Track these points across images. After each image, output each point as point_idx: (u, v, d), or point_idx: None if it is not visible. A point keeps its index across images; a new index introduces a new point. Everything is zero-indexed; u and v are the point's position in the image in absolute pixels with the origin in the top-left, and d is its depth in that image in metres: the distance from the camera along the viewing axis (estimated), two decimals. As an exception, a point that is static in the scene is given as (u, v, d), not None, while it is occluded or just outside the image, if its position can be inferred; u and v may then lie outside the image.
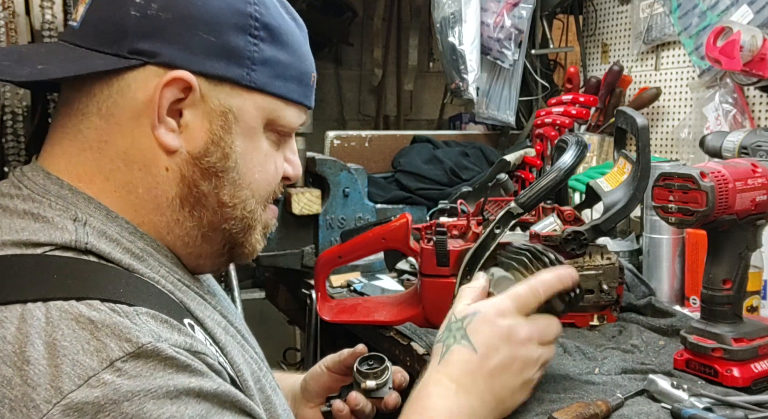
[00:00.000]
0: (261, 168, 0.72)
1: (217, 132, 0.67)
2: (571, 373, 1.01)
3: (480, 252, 1.19)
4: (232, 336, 0.70)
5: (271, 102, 0.70)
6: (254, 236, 0.75)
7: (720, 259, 0.97)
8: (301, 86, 0.73)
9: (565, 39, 2.22)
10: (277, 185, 0.76)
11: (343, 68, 3.41)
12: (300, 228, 1.62)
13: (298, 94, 0.73)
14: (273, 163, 0.74)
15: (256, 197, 0.73)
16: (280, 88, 0.70)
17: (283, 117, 0.72)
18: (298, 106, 0.73)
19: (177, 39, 0.65)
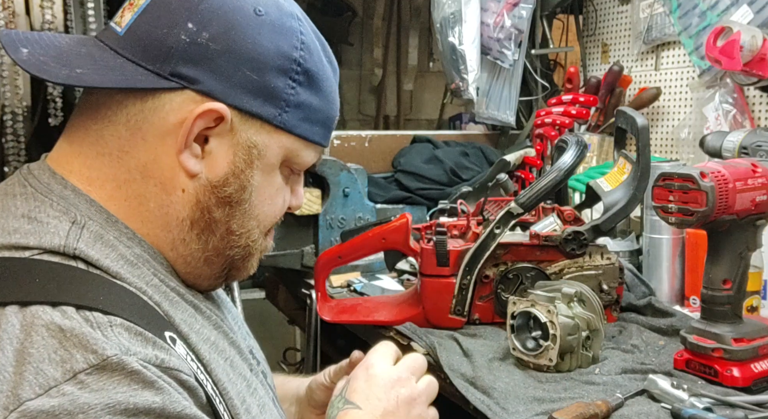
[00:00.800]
0: (271, 201, 0.74)
1: (239, 164, 0.69)
2: (571, 373, 1.01)
3: (480, 252, 1.19)
4: (221, 351, 0.69)
5: (294, 142, 0.72)
6: (252, 262, 0.76)
7: (720, 259, 0.97)
8: (324, 129, 0.75)
9: (565, 39, 2.22)
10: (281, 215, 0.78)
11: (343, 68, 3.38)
12: (300, 228, 1.62)
13: (320, 137, 0.74)
14: (282, 197, 0.75)
15: (261, 227, 0.74)
16: (306, 130, 0.72)
17: (301, 156, 0.74)
18: (317, 146, 0.75)
19: (220, 71, 0.66)
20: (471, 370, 1.02)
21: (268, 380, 0.82)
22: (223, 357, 0.68)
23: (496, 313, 1.22)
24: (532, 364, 1.03)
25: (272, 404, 0.76)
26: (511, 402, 0.92)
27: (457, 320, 1.20)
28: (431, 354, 1.10)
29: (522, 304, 1.04)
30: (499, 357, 1.07)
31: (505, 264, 1.21)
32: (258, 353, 0.84)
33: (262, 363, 0.85)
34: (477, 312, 1.22)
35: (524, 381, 0.99)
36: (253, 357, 0.78)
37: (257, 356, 0.82)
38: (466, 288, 1.20)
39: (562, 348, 1.00)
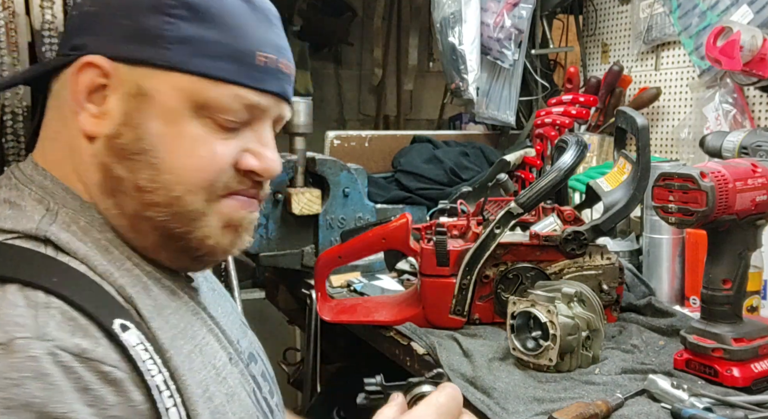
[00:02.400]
0: (189, 153, 0.67)
1: (130, 113, 0.66)
2: (571, 373, 1.01)
3: (480, 252, 1.19)
4: (191, 337, 0.67)
5: (193, 82, 0.67)
6: (202, 230, 0.70)
7: (720, 259, 0.97)
8: (235, 64, 0.68)
9: (565, 39, 2.22)
10: (228, 175, 0.70)
11: (343, 68, 3.41)
12: (300, 228, 1.62)
13: (231, 73, 0.68)
14: (209, 150, 0.68)
15: (186, 184, 0.67)
16: (202, 66, 0.67)
17: (212, 98, 0.67)
18: (235, 86, 0.68)
19: (100, 29, 0.67)
20: (471, 370, 1.02)
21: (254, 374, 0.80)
22: (192, 343, 0.67)
23: (496, 313, 1.22)
24: (532, 364, 1.03)
25: (248, 395, 0.73)
26: (511, 402, 0.92)
27: (457, 320, 1.20)
28: (431, 354, 1.10)
29: (522, 304, 1.04)
30: (499, 357, 1.07)
31: (505, 264, 1.21)
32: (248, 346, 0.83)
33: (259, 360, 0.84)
34: (477, 312, 1.22)
35: (524, 381, 0.99)
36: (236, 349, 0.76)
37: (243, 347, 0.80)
38: (466, 288, 1.20)
39: (562, 348, 1.00)
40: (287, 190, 1.58)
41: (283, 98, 0.73)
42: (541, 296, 1.04)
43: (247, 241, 0.75)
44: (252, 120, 0.71)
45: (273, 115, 0.73)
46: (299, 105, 1.60)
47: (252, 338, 0.87)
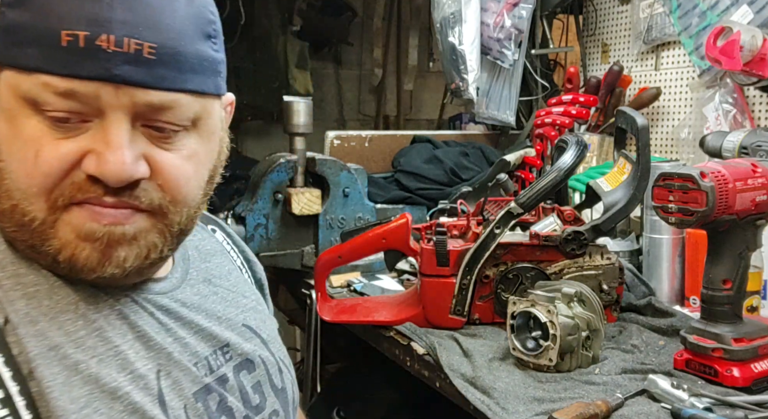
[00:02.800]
0: (19, 155, 0.60)
1: None
2: (571, 373, 1.01)
3: (480, 252, 1.19)
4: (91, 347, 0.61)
5: (16, 76, 0.59)
6: (52, 241, 0.61)
7: (720, 259, 0.97)
8: (38, 48, 0.58)
9: (565, 39, 2.22)
10: (67, 181, 0.60)
11: (343, 68, 3.41)
12: (300, 228, 1.62)
13: (33, 59, 0.58)
14: (34, 152, 0.59)
15: (20, 191, 0.60)
16: (15, 57, 0.59)
17: (27, 90, 0.58)
18: (41, 74, 0.58)
19: None
20: (471, 370, 1.02)
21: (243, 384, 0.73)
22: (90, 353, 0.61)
23: (496, 313, 1.22)
24: (532, 364, 1.03)
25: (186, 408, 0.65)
26: (511, 402, 0.92)
27: (457, 320, 1.20)
28: (431, 354, 1.10)
29: (522, 304, 1.04)
30: (499, 357, 1.07)
31: (505, 264, 1.21)
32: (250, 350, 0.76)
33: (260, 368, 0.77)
34: (477, 312, 1.22)
35: (524, 381, 0.99)
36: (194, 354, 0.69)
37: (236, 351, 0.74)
38: (466, 288, 1.20)
39: (562, 348, 1.00)
40: (287, 190, 1.58)
41: (127, 83, 0.59)
42: (541, 296, 1.04)
43: (128, 259, 0.64)
44: (97, 114, 0.60)
45: (119, 106, 0.59)
46: (299, 105, 1.61)
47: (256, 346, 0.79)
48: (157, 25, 0.60)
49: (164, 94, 0.61)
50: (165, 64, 0.60)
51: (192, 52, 0.63)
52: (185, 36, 0.62)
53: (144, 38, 0.59)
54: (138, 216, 0.64)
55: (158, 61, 0.60)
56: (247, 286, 0.88)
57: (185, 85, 0.63)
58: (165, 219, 0.66)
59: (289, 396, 0.81)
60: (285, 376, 0.81)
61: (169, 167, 0.64)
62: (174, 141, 0.64)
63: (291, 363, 0.85)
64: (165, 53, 0.60)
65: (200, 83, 0.64)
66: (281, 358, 0.82)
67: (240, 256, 0.93)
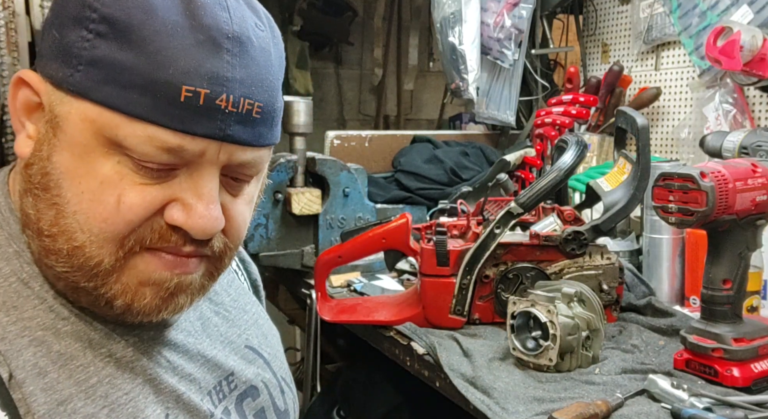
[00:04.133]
0: (93, 196, 0.56)
1: (42, 140, 0.57)
2: (571, 373, 1.01)
3: (480, 252, 1.19)
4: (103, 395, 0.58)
5: (102, 113, 0.55)
6: (112, 287, 0.58)
7: (720, 259, 0.97)
8: (151, 98, 0.54)
9: (565, 39, 2.22)
10: (146, 229, 0.58)
11: (343, 68, 3.41)
12: (300, 228, 1.62)
13: (144, 109, 0.54)
14: (115, 195, 0.56)
15: (89, 233, 0.56)
16: (110, 96, 0.54)
17: (123, 137, 0.55)
18: (150, 125, 0.55)
19: (45, 43, 0.59)
20: (471, 370, 1.02)
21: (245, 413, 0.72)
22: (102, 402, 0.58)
23: (496, 313, 1.22)
24: (532, 364, 1.03)
25: None
26: (511, 402, 0.92)
27: (457, 320, 1.20)
28: (431, 354, 1.10)
29: (522, 304, 1.04)
30: (499, 357, 1.07)
31: (505, 264, 1.21)
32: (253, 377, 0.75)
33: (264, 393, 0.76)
34: (477, 312, 1.22)
35: (524, 381, 0.99)
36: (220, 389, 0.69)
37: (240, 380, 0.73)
38: (466, 288, 1.20)
39: (562, 348, 1.00)
40: (287, 190, 1.58)
41: (228, 141, 0.58)
42: (541, 296, 1.04)
43: (184, 305, 0.63)
44: (187, 164, 0.58)
45: (216, 161, 0.58)
46: (299, 105, 1.61)
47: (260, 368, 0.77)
48: (264, 84, 0.59)
49: (256, 151, 0.61)
50: (265, 123, 0.60)
51: (279, 106, 0.62)
52: (277, 91, 0.62)
53: (255, 98, 0.58)
54: (203, 262, 0.63)
55: (260, 120, 0.59)
56: (246, 297, 0.85)
57: (272, 140, 0.63)
58: (220, 263, 0.65)
59: (291, 416, 0.80)
60: (287, 396, 0.80)
61: (237, 215, 0.63)
62: (242, 188, 0.64)
63: (291, 378, 0.84)
64: (267, 112, 0.60)
65: (278, 135, 0.64)
66: (283, 377, 0.81)
67: (235, 257, 0.91)
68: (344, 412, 1.65)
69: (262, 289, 0.96)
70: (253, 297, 0.88)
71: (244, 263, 0.93)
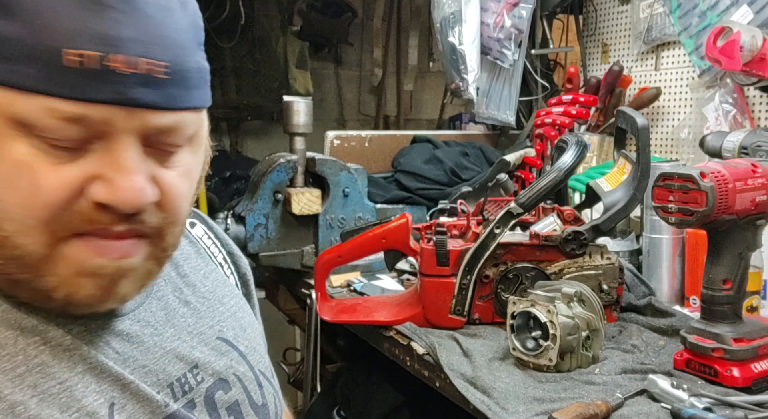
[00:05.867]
0: (10, 183, 0.53)
1: None
2: (571, 373, 1.01)
3: (480, 252, 1.19)
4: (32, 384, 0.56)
5: (5, 94, 0.52)
6: (47, 279, 0.56)
7: (720, 259, 0.97)
8: (39, 67, 0.51)
9: (565, 39, 2.22)
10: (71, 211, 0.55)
11: (343, 68, 3.41)
12: (300, 228, 1.62)
13: (34, 80, 0.51)
14: (29, 179, 0.53)
15: (13, 221, 0.54)
16: (2, 72, 0.52)
17: (22, 113, 0.52)
18: (44, 96, 0.52)
19: None
20: (471, 370, 1.02)
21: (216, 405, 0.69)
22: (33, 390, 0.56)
23: (496, 313, 1.22)
24: (532, 364, 1.03)
25: None
26: (511, 402, 0.92)
27: (457, 320, 1.20)
28: (431, 354, 1.10)
29: (522, 304, 1.04)
30: (499, 357, 1.07)
31: (505, 264, 1.21)
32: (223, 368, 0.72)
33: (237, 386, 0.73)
34: (477, 312, 1.22)
35: (524, 381, 0.99)
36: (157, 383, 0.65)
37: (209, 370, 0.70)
38: (466, 288, 1.20)
39: (562, 348, 1.00)
40: (287, 190, 1.58)
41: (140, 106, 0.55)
42: (541, 296, 1.04)
43: (128, 293, 0.60)
44: (100, 137, 0.55)
45: (129, 129, 0.55)
46: (299, 105, 1.61)
47: (233, 361, 0.74)
48: (165, 41, 0.55)
49: (174, 114, 0.58)
50: (175, 84, 0.57)
51: (194, 66, 0.59)
52: (188, 50, 0.58)
53: (155, 57, 0.55)
54: (141, 243, 0.60)
55: (170, 81, 0.56)
56: (227, 288, 0.82)
57: (192, 102, 0.59)
58: (162, 242, 0.62)
59: (270, 411, 0.77)
60: (266, 390, 0.76)
61: (171, 187, 0.60)
62: (173, 159, 0.60)
63: (273, 372, 0.81)
64: (175, 71, 0.56)
65: (201, 98, 0.61)
66: (261, 371, 0.78)
67: (223, 250, 0.87)
68: (344, 412, 1.65)
69: (252, 284, 0.92)
70: (235, 291, 0.85)
71: (233, 256, 0.90)
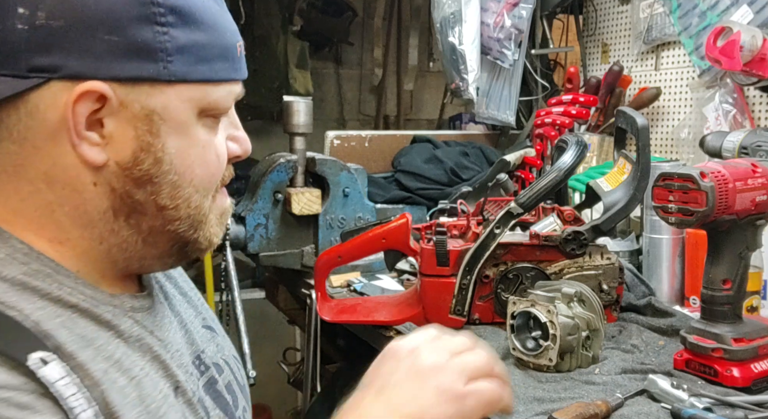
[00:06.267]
0: (201, 161, 0.66)
1: (145, 137, 0.62)
2: (571, 373, 1.01)
3: (480, 252, 1.19)
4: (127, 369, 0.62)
5: (198, 90, 0.64)
6: (207, 229, 0.69)
7: (720, 259, 0.97)
8: (227, 62, 0.66)
9: (565, 39, 2.22)
10: (225, 171, 0.71)
11: (343, 68, 3.42)
12: (300, 228, 1.62)
13: (226, 72, 0.67)
14: (213, 152, 0.68)
15: (201, 191, 0.67)
16: (204, 72, 0.64)
17: (215, 101, 0.66)
18: (229, 83, 0.68)
19: (77, 47, 0.58)
20: (471, 370, 1.02)
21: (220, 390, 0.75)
22: (128, 375, 0.61)
23: (496, 313, 1.22)
24: (532, 364, 1.03)
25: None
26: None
27: (457, 320, 1.20)
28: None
29: (522, 304, 1.04)
30: (499, 357, 1.07)
31: (505, 264, 1.21)
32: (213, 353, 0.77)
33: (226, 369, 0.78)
34: (477, 312, 1.22)
35: (524, 381, 0.99)
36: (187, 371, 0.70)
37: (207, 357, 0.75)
38: (466, 288, 1.20)
39: (562, 348, 1.00)
40: (287, 189, 1.58)
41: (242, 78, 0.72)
42: (541, 296, 1.04)
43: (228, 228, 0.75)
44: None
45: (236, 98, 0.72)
46: (299, 105, 1.61)
47: (222, 342, 0.81)
48: None
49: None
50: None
51: None
52: None
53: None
54: None
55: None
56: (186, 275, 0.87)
57: None
58: None
59: (246, 389, 0.82)
60: (242, 372, 0.83)
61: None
62: None
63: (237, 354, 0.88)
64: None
65: None
66: (234, 355, 0.84)
67: None
68: (344, 412, 1.65)
69: None
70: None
71: None
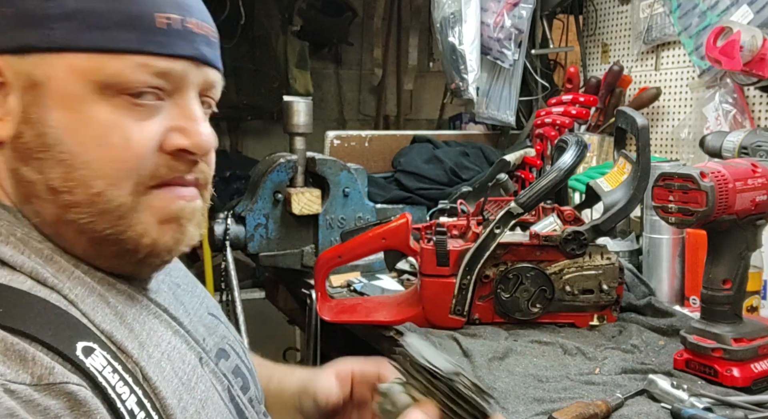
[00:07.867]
0: (100, 141, 0.59)
1: (27, 108, 0.59)
2: (571, 373, 1.01)
3: (480, 252, 1.19)
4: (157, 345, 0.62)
5: (89, 59, 0.59)
6: (135, 227, 0.62)
7: (720, 259, 0.97)
8: (133, 31, 0.60)
9: (565, 39, 2.22)
10: (153, 162, 0.62)
11: (343, 68, 3.42)
12: (300, 228, 1.62)
13: (130, 42, 0.59)
14: (122, 135, 0.60)
15: (106, 177, 0.60)
16: (96, 40, 0.59)
17: (116, 74, 0.59)
18: (138, 55, 0.60)
19: None
20: (471, 370, 1.02)
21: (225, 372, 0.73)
22: (160, 350, 0.61)
23: (496, 313, 1.22)
24: None
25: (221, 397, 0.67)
26: (511, 402, 0.92)
27: (457, 320, 1.20)
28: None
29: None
30: (499, 357, 1.07)
31: (505, 264, 1.21)
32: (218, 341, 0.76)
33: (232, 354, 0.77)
34: (477, 312, 1.22)
35: (524, 381, 0.99)
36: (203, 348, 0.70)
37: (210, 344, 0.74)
38: (466, 288, 1.20)
39: None
40: (287, 190, 1.58)
41: (203, 62, 0.65)
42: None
43: (195, 235, 0.67)
44: (172, 93, 0.63)
45: (196, 84, 0.64)
46: (299, 105, 1.61)
47: (224, 331, 0.80)
48: (205, 11, 0.67)
49: (217, 73, 0.68)
50: (217, 47, 0.67)
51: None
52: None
53: (208, 22, 0.66)
54: (198, 192, 0.67)
55: (215, 44, 0.67)
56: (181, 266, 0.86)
57: (221, 65, 0.69)
58: (207, 194, 0.69)
59: (254, 373, 0.82)
60: (248, 356, 0.82)
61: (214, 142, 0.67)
62: (208, 113, 0.68)
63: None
64: (216, 36, 0.67)
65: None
66: (238, 339, 0.83)
67: None
68: (344, 412, 1.65)
69: None
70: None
71: None
